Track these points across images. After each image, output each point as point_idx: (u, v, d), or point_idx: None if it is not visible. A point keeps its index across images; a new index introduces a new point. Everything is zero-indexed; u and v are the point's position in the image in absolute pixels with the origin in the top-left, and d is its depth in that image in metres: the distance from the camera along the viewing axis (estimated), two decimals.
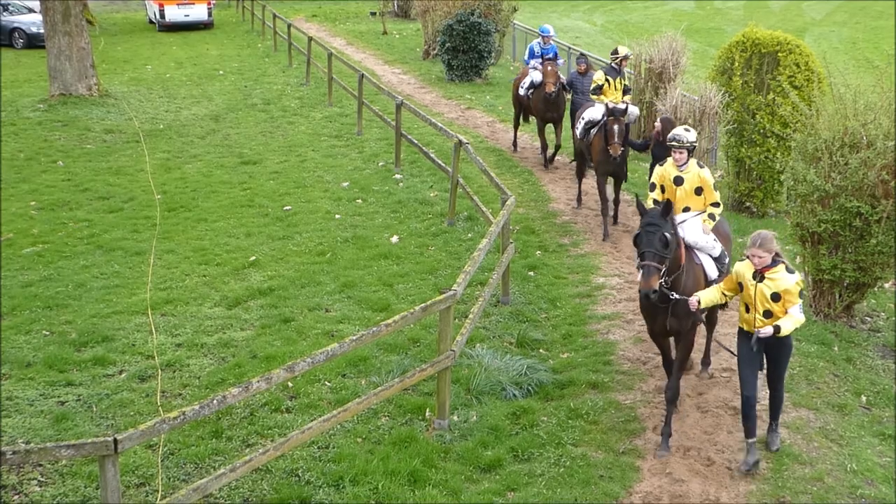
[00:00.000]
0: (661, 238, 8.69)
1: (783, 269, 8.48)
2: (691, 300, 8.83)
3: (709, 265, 9.75)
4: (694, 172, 10.08)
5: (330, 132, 22.68)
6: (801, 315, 8.62)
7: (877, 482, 8.99)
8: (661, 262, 8.70)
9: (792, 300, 8.54)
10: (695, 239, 9.75)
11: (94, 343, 11.55)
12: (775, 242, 8.46)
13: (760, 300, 8.60)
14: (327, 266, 14.03)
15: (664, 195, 10.04)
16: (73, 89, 25.46)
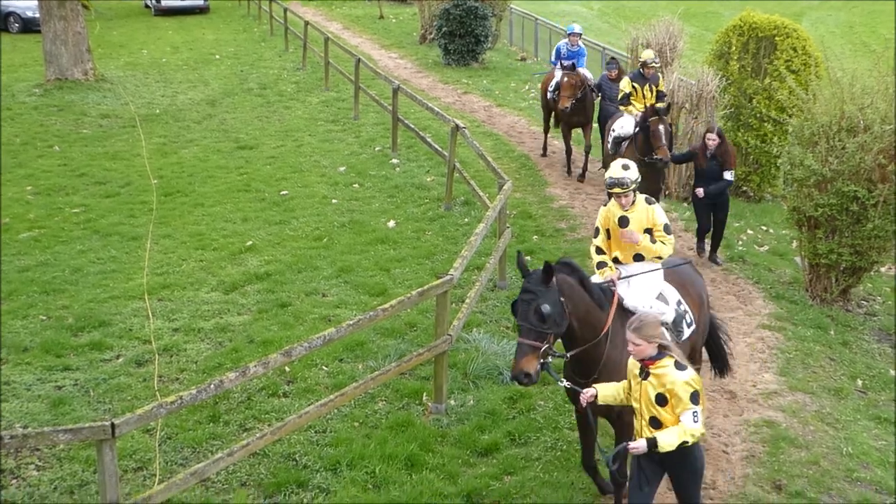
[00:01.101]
0: (537, 311, 7.15)
1: (671, 365, 6.59)
2: (584, 394, 7.07)
3: None
4: (641, 210, 8.22)
5: (326, 117, 22.64)
6: (694, 425, 6.50)
7: (872, 465, 9.02)
8: (539, 338, 7.15)
9: (682, 405, 6.54)
10: (635, 303, 7.92)
11: (91, 328, 11.55)
12: (660, 329, 6.69)
13: (646, 403, 6.75)
14: (324, 251, 14.02)
15: (609, 241, 8.39)
16: (68, 74, 25.38)
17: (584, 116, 17.49)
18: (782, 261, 14.19)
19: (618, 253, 8.35)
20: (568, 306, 7.35)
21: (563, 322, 7.29)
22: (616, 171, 8.07)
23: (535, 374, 7.15)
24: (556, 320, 7.23)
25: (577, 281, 7.52)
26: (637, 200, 8.24)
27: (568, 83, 17.08)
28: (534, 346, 7.15)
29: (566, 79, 17.12)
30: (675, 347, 6.79)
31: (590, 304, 7.52)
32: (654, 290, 8.18)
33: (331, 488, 8.43)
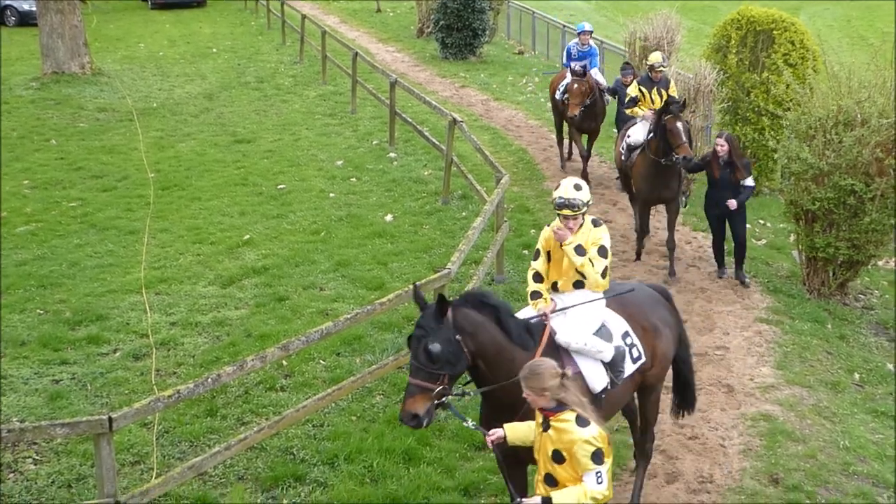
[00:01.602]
0: (426, 350, 6.48)
1: (573, 420, 5.77)
2: (490, 435, 6.39)
3: (592, 373, 7.14)
4: (586, 232, 7.33)
5: (324, 111, 22.62)
6: (598, 486, 5.73)
7: (869, 459, 9.04)
8: (430, 379, 6.48)
9: (581, 466, 5.75)
10: (568, 339, 7.08)
11: (88, 322, 11.54)
12: (554, 381, 5.79)
13: (543, 458, 6.01)
14: (321, 245, 14.01)
15: (549, 265, 7.47)
16: (65, 67, 25.33)
17: (595, 122, 16.79)
18: (780, 254, 14.20)
19: (558, 279, 7.44)
20: (469, 345, 6.60)
21: (458, 362, 6.58)
22: (567, 190, 7.21)
23: (424, 416, 6.44)
24: (448, 360, 6.51)
25: (491, 317, 6.75)
26: (584, 223, 7.36)
27: (577, 90, 16.23)
28: (423, 387, 6.48)
29: (575, 85, 16.27)
30: (578, 400, 5.89)
31: (502, 342, 6.72)
32: (592, 324, 7.30)
33: (328, 482, 8.43)
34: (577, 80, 16.26)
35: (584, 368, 7.09)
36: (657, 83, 14.30)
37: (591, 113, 16.49)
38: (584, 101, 16.28)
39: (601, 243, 7.29)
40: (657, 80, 14.29)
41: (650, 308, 7.88)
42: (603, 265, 7.26)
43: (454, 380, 6.71)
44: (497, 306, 6.84)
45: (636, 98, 14.26)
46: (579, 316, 7.29)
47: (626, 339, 7.46)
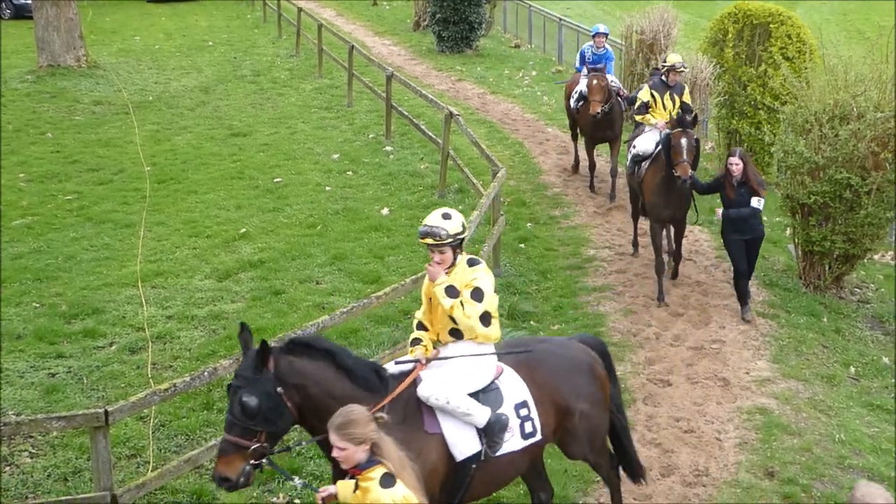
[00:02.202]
0: (241, 404, 5.82)
1: (378, 478, 5.13)
2: (322, 491, 5.64)
3: (457, 438, 6.30)
4: (460, 273, 6.54)
5: (320, 104, 22.59)
6: None
7: (865, 452, 9.06)
8: (245, 436, 5.83)
9: None
10: (429, 393, 6.27)
11: (84, 315, 11.53)
12: (370, 425, 5.16)
13: None
14: (318, 238, 14.01)
15: (431, 314, 6.70)
16: (61, 60, 25.26)
17: (612, 131, 15.59)
18: (776, 248, 14.21)
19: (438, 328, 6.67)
20: (294, 399, 5.96)
21: (279, 419, 5.92)
22: (433, 217, 6.49)
23: (237, 478, 5.80)
24: (266, 416, 5.85)
25: (327, 363, 6.09)
26: (458, 261, 6.56)
27: (598, 85, 15.03)
28: (238, 445, 5.82)
29: (595, 81, 15.06)
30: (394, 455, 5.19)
31: (343, 390, 6.03)
32: (471, 382, 6.46)
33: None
34: (597, 76, 15.12)
35: (446, 430, 6.29)
36: (671, 88, 13.41)
37: (606, 120, 15.36)
38: (611, 96, 15.22)
39: (476, 285, 6.46)
40: (672, 84, 13.39)
41: (565, 378, 6.86)
42: (477, 310, 6.40)
43: (276, 438, 6.03)
44: (332, 350, 6.14)
45: (647, 103, 13.34)
46: (456, 370, 6.46)
47: (519, 410, 6.56)
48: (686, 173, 11.40)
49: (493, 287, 6.60)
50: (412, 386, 6.35)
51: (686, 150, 11.44)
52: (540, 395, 6.68)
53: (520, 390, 6.61)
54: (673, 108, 13.15)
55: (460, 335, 6.51)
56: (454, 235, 6.45)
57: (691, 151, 11.52)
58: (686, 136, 11.51)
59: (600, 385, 7.04)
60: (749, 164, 11.37)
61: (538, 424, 6.62)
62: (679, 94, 13.37)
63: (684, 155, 11.43)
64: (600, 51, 16.08)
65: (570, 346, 7.21)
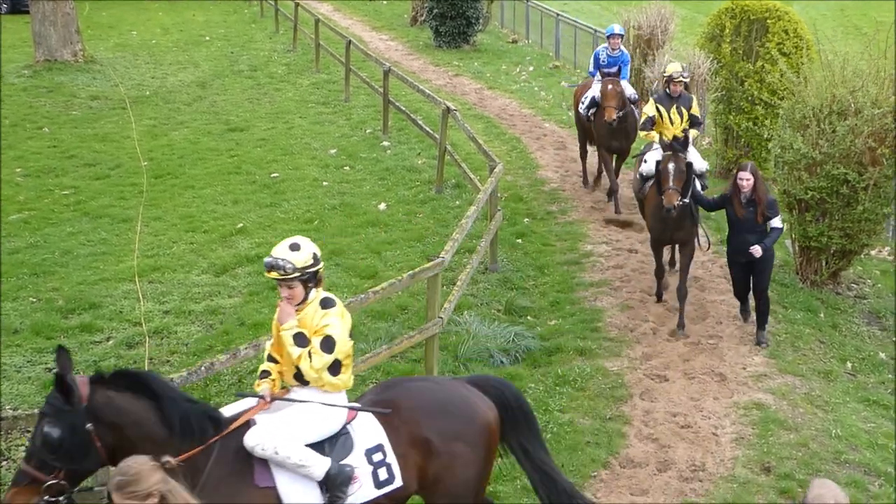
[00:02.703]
0: (42, 434, 5.34)
1: None
2: None
3: (292, 491, 5.80)
4: (311, 314, 6.10)
5: (317, 99, 22.57)
6: None
7: (861, 447, 9.07)
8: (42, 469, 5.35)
9: None
10: (255, 442, 5.72)
11: (81, 310, 11.53)
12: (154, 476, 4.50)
13: None
14: (315, 233, 13.98)
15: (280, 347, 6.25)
16: (57, 55, 25.22)
17: (626, 141, 14.71)
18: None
19: (284, 368, 6.19)
20: (106, 439, 5.41)
21: (84, 458, 5.39)
22: (279, 249, 6.07)
23: None
24: (68, 453, 5.30)
25: (156, 406, 5.54)
26: (313, 299, 6.10)
27: (613, 91, 14.18)
28: (33, 477, 5.31)
29: (610, 86, 14.22)
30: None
31: (159, 437, 5.49)
32: (313, 430, 5.94)
33: None
34: (612, 81, 14.30)
35: (280, 483, 5.75)
36: (676, 100, 12.51)
37: (620, 129, 14.43)
38: (627, 103, 14.41)
39: (328, 333, 5.97)
40: (676, 95, 12.48)
41: (434, 418, 6.19)
42: (325, 361, 5.93)
43: (78, 478, 5.46)
44: (161, 390, 5.58)
45: (653, 118, 12.46)
46: (296, 416, 5.94)
47: (371, 456, 6.01)
48: (671, 202, 10.64)
49: (349, 330, 6.18)
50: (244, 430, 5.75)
51: (674, 177, 10.72)
52: (400, 438, 6.09)
53: (374, 434, 6.08)
54: (681, 122, 12.36)
55: (306, 381, 6.03)
56: (302, 269, 5.98)
57: (680, 177, 10.75)
58: (675, 161, 10.78)
59: (482, 431, 6.28)
60: (760, 180, 10.58)
61: (396, 470, 6.04)
62: (687, 107, 12.52)
63: (671, 181, 10.71)
64: (615, 53, 15.22)
65: (447, 385, 6.60)
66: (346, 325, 6.17)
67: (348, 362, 6.18)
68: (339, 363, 6.07)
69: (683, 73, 12.52)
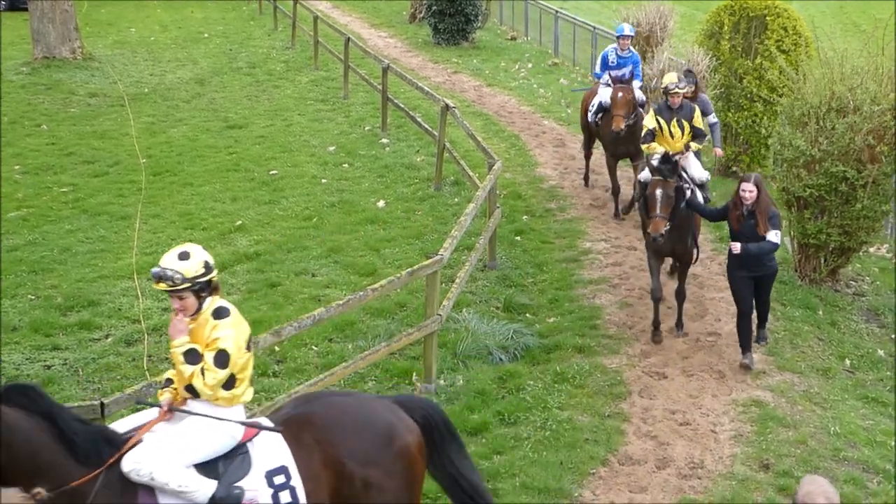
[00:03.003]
0: None
1: None
2: None
3: None
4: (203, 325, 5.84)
5: (316, 96, 22.55)
6: None
7: (860, 445, 9.07)
8: None
9: None
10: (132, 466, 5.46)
11: (79, 307, 11.52)
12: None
13: None
14: (314, 231, 14.00)
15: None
16: (56, 52, 25.19)
17: (635, 145, 13.70)
18: None
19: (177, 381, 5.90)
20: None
21: None
22: (168, 258, 5.72)
23: None
24: None
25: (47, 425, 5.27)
26: (206, 308, 5.82)
27: (623, 99, 13.72)
28: None
29: (620, 94, 13.72)
30: None
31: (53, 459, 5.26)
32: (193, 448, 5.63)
33: None
34: (622, 88, 13.85)
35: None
36: (677, 112, 11.74)
37: (629, 135, 13.74)
38: (631, 114, 13.84)
39: (221, 347, 5.67)
40: (675, 107, 11.70)
41: (348, 438, 5.86)
42: (219, 378, 5.66)
43: None
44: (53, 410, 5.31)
45: (653, 130, 11.77)
46: (181, 434, 5.63)
47: (273, 478, 5.69)
48: (657, 230, 10.18)
49: (246, 339, 5.89)
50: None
51: (661, 204, 10.23)
52: (312, 459, 5.75)
53: (277, 454, 5.73)
54: (682, 135, 11.73)
55: (196, 393, 5.73)
56: (193, 279, 5.65)
57: (667, 204, 10.26)
58: (663, 187, 10.29)
59: (401, 456, 5.95)
60: (764, 192, 10.04)
61: (301, 494, 5.69)
62: (688, 119, 11.77)
63: (658, 209, 10.24)
64: (625, 53, 14.56)
65: (369, 404, 6.18)
66: (243, 334, 5.86)
67: (244, 375, 5.86)
68: (234, 377, 5.76)
69: (679, 84, 11.71)
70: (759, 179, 10.06)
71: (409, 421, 6.11)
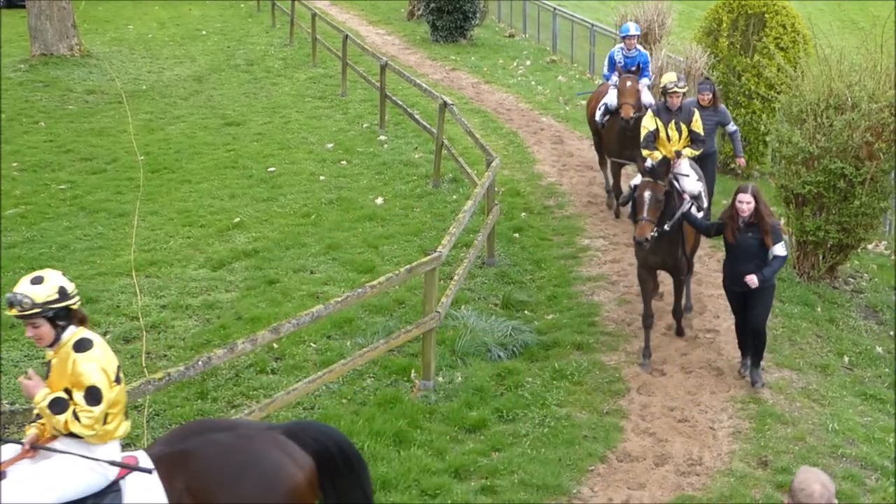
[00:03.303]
0: None
1: None
2: None
3: None
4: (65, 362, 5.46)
5: (314, 93, 22.55)
6: None
7: (858, 441, 9.08)
8: None
9: None
10: None
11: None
12: None
13: None
14: (312, 228, 14.00)
15: None
16: (54, 49, 25.16)
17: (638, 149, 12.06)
18: None
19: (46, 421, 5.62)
20: None
21: None
22: (21, 283, 5.48)
23: None
24: None
25: None
26: (66, 340, 5.45)
27: (632, 88, 13.13)
28: None
29: (629, 83, 13.14)
30: None
31: None
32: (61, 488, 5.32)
33: None
34: (630, 77, 13.27)
35: None
36: (676, 114, 11.17)
37: (635, 136, 12.37)
38: (640, 105, 13.08)
39: (90, 384, 5.33)
40: (674, 108, 11.07)
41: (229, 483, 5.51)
42: (96, 415, 5.33)
43: None
44: None
45: (655, 132, 11.10)
46: (48, 472, 5.34)
47: None
48: (643, 234, 9.79)
49: (115, 370, 5.52)
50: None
51: (649, 207, 9.81)
52: (184, 501, 5.43)
53: (151, 494, 5.41)
54: (679, 139, 11.13)
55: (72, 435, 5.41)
56: (44, 304, 5.29)
57: (655, 208, 9.84)
58: (651, 189, 9.87)
59: (291, 494, 5.59)
60: (762, 203, 9.63)
61: None
62: (687, 122, 11.14)
63: (645, 212, 9.83)
64: (632, 53, 14.12)
65: (253, 440, 5.71)
66: (110, 366, 5.49)
67: (116, 410, 5.51)
68: (106, 413, 5.44)
69: (679, 83, 11.08)
70: (756, 190, 9.63)
71: (299, 455, 5.75)
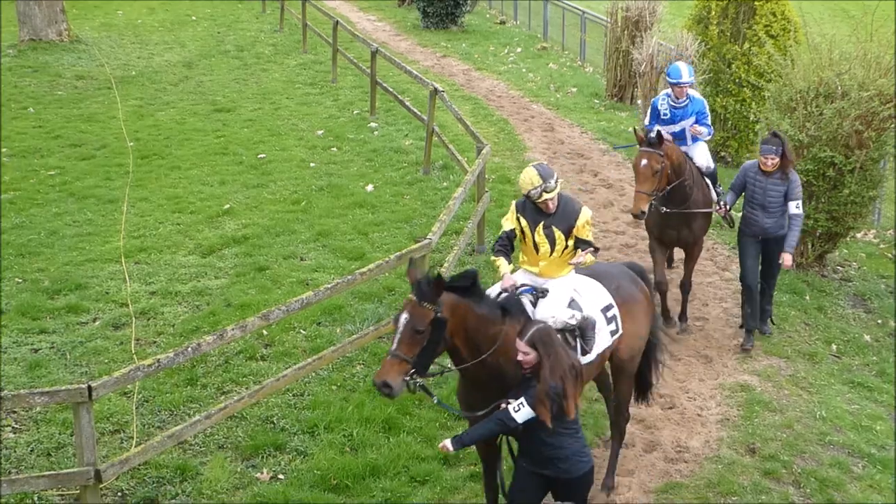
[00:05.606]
0: None
1: None
2: None
3: None
4: None
5: (304, 80, 22.50)
6: None
7: (845, 429, 9.13)
8: None
9: None
10: None
11: (67, 291, 11.49)
12: None
13: None
14: (302, 214, 13.98)
15: None
16: (42, 34, 25.06)
17: (688, 229, 10.46)
18: None
19: None
20: None
21: None
22: None
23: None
24: None
25: None
26: None
27: (648, 168, 9.81)
28: None
29: (644, 161, 9.79)
30: None
31: None
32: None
33: (308, 451, 8.46)
34: (647, 154, 9.85)
35: None
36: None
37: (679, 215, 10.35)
38: (661, 187, 9.97)
39: None
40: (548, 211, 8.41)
41: None
42: None
43: None
44: None
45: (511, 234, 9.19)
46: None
47: None
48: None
49: None
50: None
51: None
52: None
53: None
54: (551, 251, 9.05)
55: None
56: None
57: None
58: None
59: None
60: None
61: None
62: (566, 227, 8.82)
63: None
64: (681, 102, 10.93)
65: None
66: None
67: None
68: None
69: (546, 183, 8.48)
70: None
71: None
